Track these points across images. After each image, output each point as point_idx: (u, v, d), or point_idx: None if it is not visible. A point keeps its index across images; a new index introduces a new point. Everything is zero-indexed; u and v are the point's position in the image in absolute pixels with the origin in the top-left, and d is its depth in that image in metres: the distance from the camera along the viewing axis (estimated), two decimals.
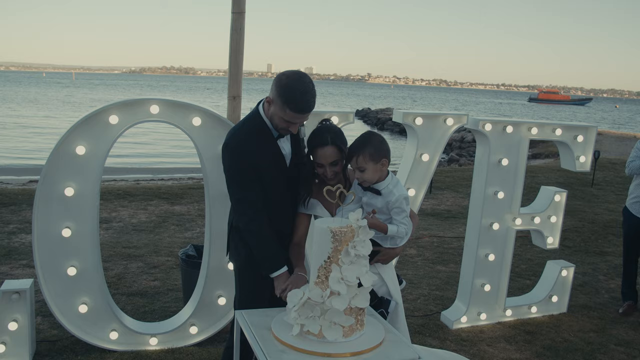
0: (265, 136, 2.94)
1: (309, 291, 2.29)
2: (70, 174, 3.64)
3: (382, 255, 3.01)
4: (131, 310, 4.73)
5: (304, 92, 2.75)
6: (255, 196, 2.91)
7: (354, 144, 2.93)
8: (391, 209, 2.93)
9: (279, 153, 2.99)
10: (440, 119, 4.40)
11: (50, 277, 3.76)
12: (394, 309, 3.06)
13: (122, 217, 7.90)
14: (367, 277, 2.29)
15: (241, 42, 4.06)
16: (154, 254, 6.30)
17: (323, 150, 2.90)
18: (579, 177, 12.59)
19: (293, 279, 2.87)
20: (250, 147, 2.89)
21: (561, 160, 5.05)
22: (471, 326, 4.85)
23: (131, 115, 3.69)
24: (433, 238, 7.60)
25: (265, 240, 2.92)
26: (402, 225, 2.94)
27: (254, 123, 2.96)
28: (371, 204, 2.99)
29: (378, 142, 2.93)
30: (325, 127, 2.99)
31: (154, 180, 14.47)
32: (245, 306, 2.91)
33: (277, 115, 2.82)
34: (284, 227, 3.07)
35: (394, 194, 2.92)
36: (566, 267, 5.25)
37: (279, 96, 2.76)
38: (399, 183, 3.01)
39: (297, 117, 2.79)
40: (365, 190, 3.00)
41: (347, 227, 2.27)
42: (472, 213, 4.82)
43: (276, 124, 2.87)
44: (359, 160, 2.88)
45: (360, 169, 2.89)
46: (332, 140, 2.90)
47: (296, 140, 3.10)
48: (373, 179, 2.93)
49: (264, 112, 2.93)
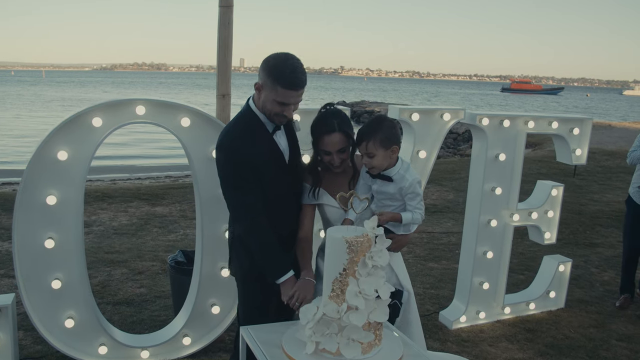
0: (260, 132, 2.77)
1: (323, 306, 2.12)
2: (52, 181, 3.41)
3: (393, 243, 2.82)
4: (118, 321, 4.52)
5: (294, 68, 2.62)
6: (254, 198, 2.73)
7: (364, 129, 2.78)
8: (405, 194, 2.79)
9: (276, 149, 2.82)
10: (437, 115, 4.26)
11: (33, 291, 3.53)
12: (407, 300, 2.94)
13: (102, 220, 7.63)
14: (385, 288, 2.14)
15: (230, 37, 3.86)
16: (138, 258, 6.07)
17: (330, 138, 2.75)
18: (561, 168, 12.59)
19: (300, 284, 2.71)
20: (245, 145, 2.71)
21: (557, 153, 4.95)
22: (471, 326, 4.73)
23: (116, 117, 3.47)
24: (422, 234, 7.48)
25: (268, 244, 2.75)
26: (417, 210, 2.81)
27: (246, 119, 2.79)
28: (382, 191, 2.85)
29: (389, 127, 2.78)
30: (331, 112, 2.83)
31: (130, 179, 14.14)
32: (250, 320, 2.74)
33: (269, 99, 2.66)
34: (285, 230, 2.89)
35: (407, 179, 2.78)
36: (563, 262, 5.16)
37: (268, 77, 2.63)
38: (410, 167, 2.87)
39: (290, 94, 2.63)
40: (374, 178, 2.85)
41: (364, 237, 2.10)
42: (470, 210, 4.69)
43: (269, 110, 2.70)
44: (368, 146, 2.73)
45: (370, 155, 2.75)
46: (340, 127, 2.76)
47: (292, 135, 2.93)
48: (382, 166, 2.79)
49: (255, 106, 2.78)
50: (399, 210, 2.83)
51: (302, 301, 2.65)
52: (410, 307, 2.99)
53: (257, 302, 2.91)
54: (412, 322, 3.01)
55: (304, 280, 2.74)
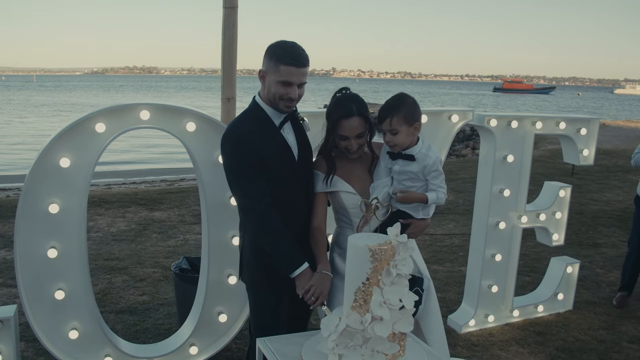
0: (267, 125, 2.72)
1: (345, 317, 2.04)
2: (55, 188, 3.30)
3: (413, 228, 2.80)
4: (122, 330, 4.42)
5: (294, 46, 2.64)
6: (262, 190, 2.65)
7: (387, 105, 2.75)
8: (428, 173, 2.74)
9: (284, 143, 2.75)
10: (445, 116, 4.19)
11: (36, 302, 3.42)
12: (427, 287, 2.88)
13: (100, 226, 7.52)
14: (409, 298, 2.06)
15: (234, 39, 3.78)
16: (139, 265, 5.97)
17: (349, 122, 2.69)
18: (558, 167, 12.58)
19: (317, 278, 2.62)
20: (252, 135, 2.66)
21: (564, 154, 4.90)
22: (480, 329, 4.67)
23: (119, 123, 3.37)
24: (424, 236, 7.41)
25: (280, 235, 2.66)
26: (441, 189, 2.76)
27: (253, 113, 2.76)
28: (404, 171, 2.79)
29: (412, 104, 2.76)
30: (348, 96, 2.77)
31: (125, 184, 14.02)
32: (262, 330, 2.65)
33: (273, 81, 2.63)
34: (295, 227, 2.79)
35: (430, 157, 2.74)
36: (571, 264, 5.10)
37: (270, 58, 2.63)
38: (431, 146, 2.83)
39: (292, 71, 2.60)
40: (394, 160, 2.80)
41: (387, 245, 2.03)
42: (478, 212, 4.63)
43: (274, 94, 2.65)
44: (392, 122, 2.70)
45: (393, 131, 2.71)
46: (358, 111, 2.70)
47: (301, 133, 2.86)
48: (404, 144, 2.75)
49: (261, 99, 2.75)
50: (421, 191, 2.78)
51: (318, 296, 2.57)
52: (430, 295, 2.93)
53: (269, 311, 2.82)
54: (432, 311, 2.95)
55: (321, 274, 2.64)
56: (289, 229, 2.69)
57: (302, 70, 2.65)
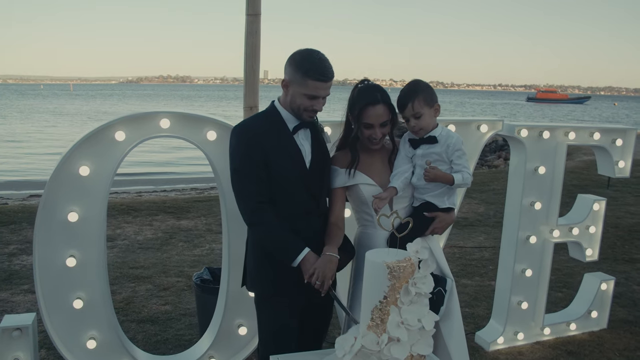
0: (280, 128, 2.67)
1: (361, 337, 1.94)
2: (74, 197, 3.28)
3: (438, 222, 2.77)
4: (142, 340, 4.38)
5: (322, 59, 2.61)
6: (257, 189, 2.60)
7: (405, 92, 2.77)
8: (452, 152, 2.73)
9: (294, 149, 2.67)
10: (473, 126, 4.06)
11: (54, 311, 3.40)
12: (450, 288, 2.80)
13: (127, 234, 7.54)
14: (429, 318, 1.95)
15: (257, 47, 3.73)
16: (163, 274, 5.94)
17: (375, 109, 2.66)
18: (593, 179, 12.25)
19: (321, 260, 2.54)
20: (262, 135, 2.62)
21: (598, 166, 4.71)
22: (509, 347, 4.49)
23: (139, 131, 3.34)
24: (454, 249, 7.24)
25: (274, 226, 2.59)
26: (465, 170, 2.73)
27: (268, 116, 2.73)
28: (429, 153, 2.77)
29: (427, 86, 2.79)
30: (371, 85, 2.76)
31: (156, 192, 14.14)
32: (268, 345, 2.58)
33: (299, 93, 2.58)
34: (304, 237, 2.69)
35: (452, 136, 2.75)
36: (605, 280, 4.89)
37: (296, 71, 2.57)
38: (450, 130, 2.83)
39: (320, 86, 2.56)
40: (416, 148, 2.79)
41: (406, 261, 1.92)
42: (508, 226, 4.47)
43: (298, 105, 2.61)
44: (415, 106, 2.71)
45: (416, 115, 2.72)
46: (383, 99, 2.68)
47: (318, 142, 2.78)
48: (429, 126, 2.76)
49: (280, 104, 2.70)
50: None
51: (322, 280, 2.50)
52: (452, 297, 2.84)
53: (278, 327, 2.73)
54: (453, 313, 2.84)
55: (325, 256, 2.57)
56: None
57: (329, 84, 2.63)
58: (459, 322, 2.87)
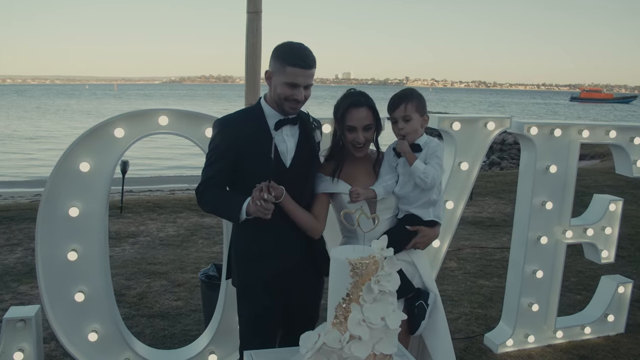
0: (259, 123, 2.69)
1: (324, 334, 1.92)
2: (75, 192, 3.35)
3: (421, 236, 2.74)
4: (150, 334, 4.45)
5: (301, 47, 2.62)
6: (214, 174, 2.64)
7: (399, 95, 2.79)
8: (429, 155, 2.73)
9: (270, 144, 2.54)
10: (480, 123, 3.98)
11: (57, 304, 3.47)
12: (433, 302, 2.77)
13: (150, 230, 7.67)
14: (393, 317, 1.92)
15: (258, 45, 3.73)
16: (179, 270, 6.02)
17: (358, 112, 2.67)
18: (629, 180, 11.82)
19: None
20: (237, 125, 2.66)
21: (616, 165, 4.57)
22: (518, 350, 4.39)
23: (138, 128, 3.38)
24: (475, 249, 7.13)
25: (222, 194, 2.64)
26: (432, 168, 2.71)
27: (251, 110, 2.80)
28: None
29: (421, 96, 2.81)
30: (357, 91, 2.79)
31: (190, 190, 14.32)
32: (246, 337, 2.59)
33: (279, 82, 2.59)
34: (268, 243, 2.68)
35: (434, 141, 2.77)
36: (623, 283, 4.74)
37: (276, 59, 2.61)
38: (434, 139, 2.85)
39: (299, 73, 2.56)
40: (400, 157, 2.79)
41: (370, 259, 1.90)
42: (518, 225, 4.37)
43: (279, 95, 2.61)
44: (407, 108, 2.73)
45: (406, 117, 2.74)
46: (367, 102, 2.70)
47: (307, 138, 2.75)
48: (416, 132, 2.77)
49: (264, 100, 2.74)
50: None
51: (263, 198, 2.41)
52: (437, 311, 2.80)
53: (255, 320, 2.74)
54: (439, 327, 2.79)
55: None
56: (276, 240, 2.60)
57: (309, 72, 2.60)
58: (446, 337, 2.83)
